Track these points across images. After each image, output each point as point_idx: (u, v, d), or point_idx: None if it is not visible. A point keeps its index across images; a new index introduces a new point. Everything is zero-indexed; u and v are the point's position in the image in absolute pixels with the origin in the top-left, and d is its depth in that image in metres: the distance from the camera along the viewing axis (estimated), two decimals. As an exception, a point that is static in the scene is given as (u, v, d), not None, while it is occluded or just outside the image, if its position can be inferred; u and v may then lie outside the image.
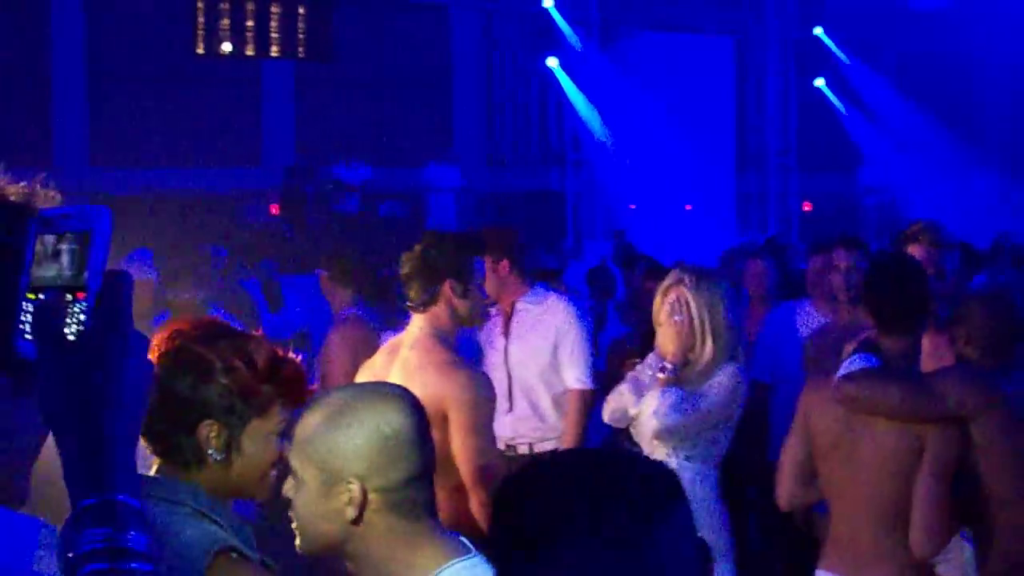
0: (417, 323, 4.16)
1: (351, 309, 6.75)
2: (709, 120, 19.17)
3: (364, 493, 2.16)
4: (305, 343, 8.20)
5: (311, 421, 2.24)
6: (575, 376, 5.47)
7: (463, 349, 5.58)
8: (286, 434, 2.45)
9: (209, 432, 2.32)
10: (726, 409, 4.38)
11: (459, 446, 3.91)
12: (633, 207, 18.48)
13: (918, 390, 3.72)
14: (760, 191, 19.96)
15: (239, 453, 2.35)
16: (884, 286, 3.94)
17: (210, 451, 2.33)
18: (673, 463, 4.12)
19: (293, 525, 2.26)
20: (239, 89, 19.04)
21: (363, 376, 4.25)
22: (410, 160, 17.45)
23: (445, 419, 3.90)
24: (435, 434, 3.81)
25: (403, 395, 2.40)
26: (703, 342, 4.39)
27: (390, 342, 4.43)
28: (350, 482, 2.17)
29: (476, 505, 3.94)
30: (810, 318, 6.24)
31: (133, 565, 1.19)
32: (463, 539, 2.31)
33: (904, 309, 3.89)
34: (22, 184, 1.47)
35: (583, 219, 18.52)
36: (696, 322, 4.38)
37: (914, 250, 4.79)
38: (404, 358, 4.13)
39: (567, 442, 5.40)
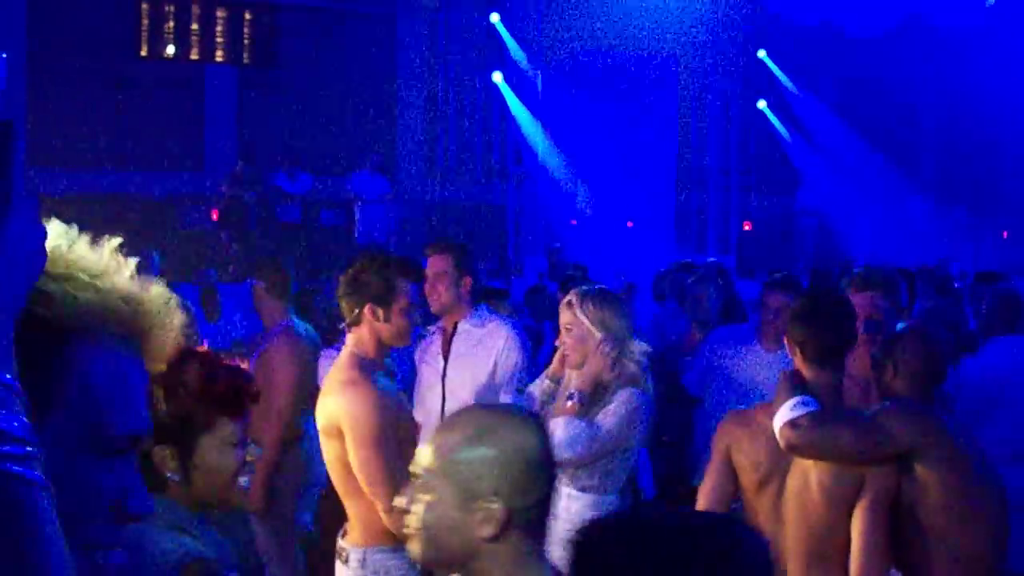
0: (348, 340, 4.37)
1: (287, 321, 6.70)
2: (651, 138, 19.31)
3: (503, 512, 2.20)
4: (242, 353, 8.13)
5: (452, 439, 2.29)
6: (512, 402, 5.46)
7: (398, 365, 5.63)
8: (244, 442, 2.56)
9: (162, 457, 2.40)
10: (619, 437, 4.32)
11: (352, 459, 4.13)
12: (574, 223, 18.55)
13: (867, 431, 3.64)
14: (700, 209, 20.11)
15: (196, 469, 2.44)
16: (814, 321, 3.92)
17: (168, 474, 2.41)
18: (565, 492, 4.16)
19: (411, 533, 2.29)
20: (182, 93, 18.89)
21: (324, 390, 4.42)
22: (353, 169, 17.41)
23: (341, 435, 4.16)
24: (338, 448, 4.14)
25: (535, 418, 2.50)
26: (592, 365, 4.40)
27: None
28: (491, 500, 2.20)
29: (381, 512, 4.10)
30: (752, 347, 6.26)
31: (4, 448, 1.08)
32: None
33: (834, 344, 3.87)
34: None
35: (524, 234, 18.57)
36: (583, 345, 4.41)
37: (856, 298, 4.62)
38: (329, 376, 4.38)
39: None
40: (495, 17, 18.55)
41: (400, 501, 2.33)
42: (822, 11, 19.31)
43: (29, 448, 1.10)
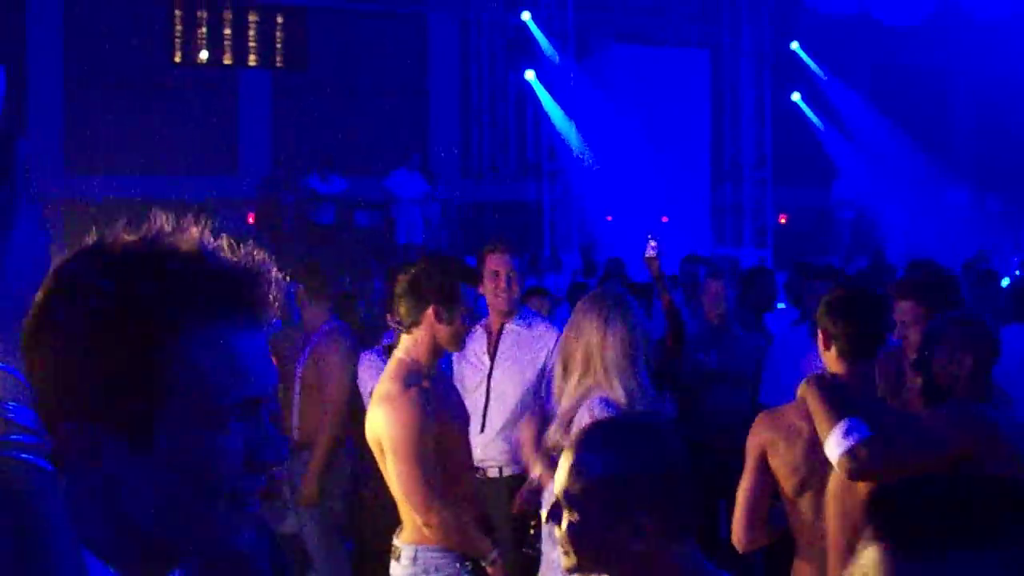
0: (401, 345, 4.31)
1: (331, 323, 6.76)
2: (685, 132, 19.23)
3: (652, 525, 2.21)
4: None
5: (591, 458, 2.28)
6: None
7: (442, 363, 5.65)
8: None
9: None
10: None
11: (390, 472, 4.16)
12: (610, 219, 18.51)
13: (923, 446, 3.56)
14: (735, 203, 20.02)
15: None
16: (847, 314, 3.88)
17: None
18: None
19: (563, 550, 2.30)
20: (216, 97, 19.01)
21: (373, 401, 4.38)
22: (386, 170, 17.45)
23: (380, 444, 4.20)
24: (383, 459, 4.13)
25: (669, 425, 2.56)
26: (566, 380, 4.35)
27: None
28: (638, 515, 2.21)
29: (421, 524, 4.15)
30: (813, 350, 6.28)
31: (14, 437, 1.13)
32: None
33: (868, 337, 3.85)
34: None
35: (559, 231, 18.55)
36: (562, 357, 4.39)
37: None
38: (377, 388, 4.33)
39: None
40: (526, 15, 18.54)
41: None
42: (854, 1, 19.19)
43: (39, 439, 1.15)
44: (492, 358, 5.53)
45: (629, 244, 16.68)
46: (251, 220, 17.48)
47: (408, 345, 4.24)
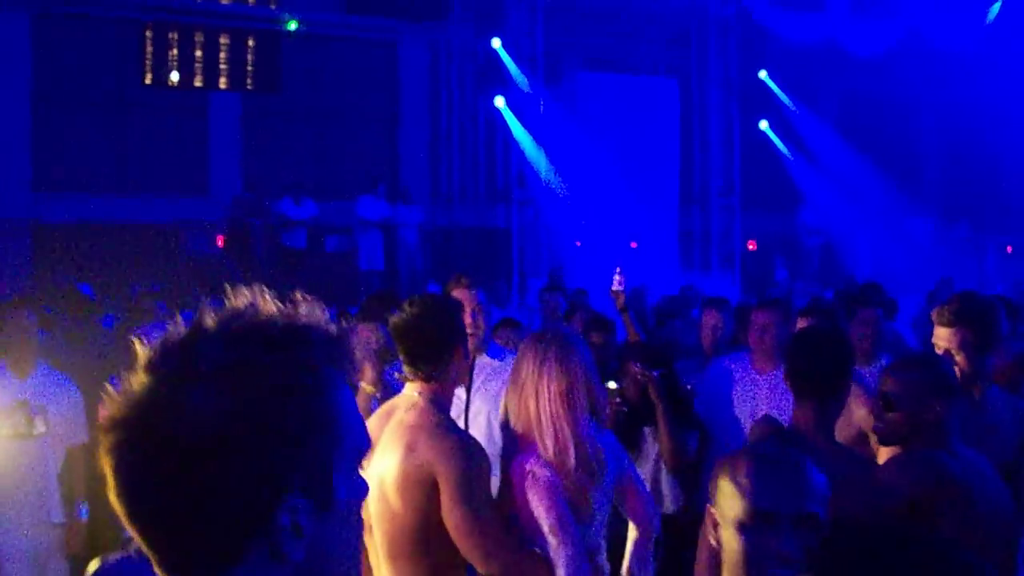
0: (414, 388, 4.04)
1: None
2: (654, 159, 19.36)
3: None
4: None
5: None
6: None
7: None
8: None
9: None
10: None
11: (447, 516, 3.78)
12: (579, 244, 18.58)
13: (878, 497, 3.51)
14: (703, 229, 20.15)
15: None
16: (798, 352, 3.91)
17: None
18: None
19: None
20: (186, 119, 18.98)
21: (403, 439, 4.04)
22: (356, 195, 17.46)
23: (434, 485, 3.79)
24: (421, 500, 3.78)
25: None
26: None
27: (385, 407, 4.23)
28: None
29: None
30: (747, 372, 6.41)
31: None
32: None
33: (813, 377, 3.84)
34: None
35: (528, 256, 18.60)
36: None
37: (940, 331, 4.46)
38: (399, 420, 3.98)
39: None
40: (496, 42, 18.61)
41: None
42: (821, 31, 19.38)
43: None
44: (468, 392, 5.48)
45: (598, 270, 16.78)
46: (220, 243, 17.45)
47: (435, 388, 4.00)
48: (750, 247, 20.51)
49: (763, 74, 20.77)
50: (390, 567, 3.92)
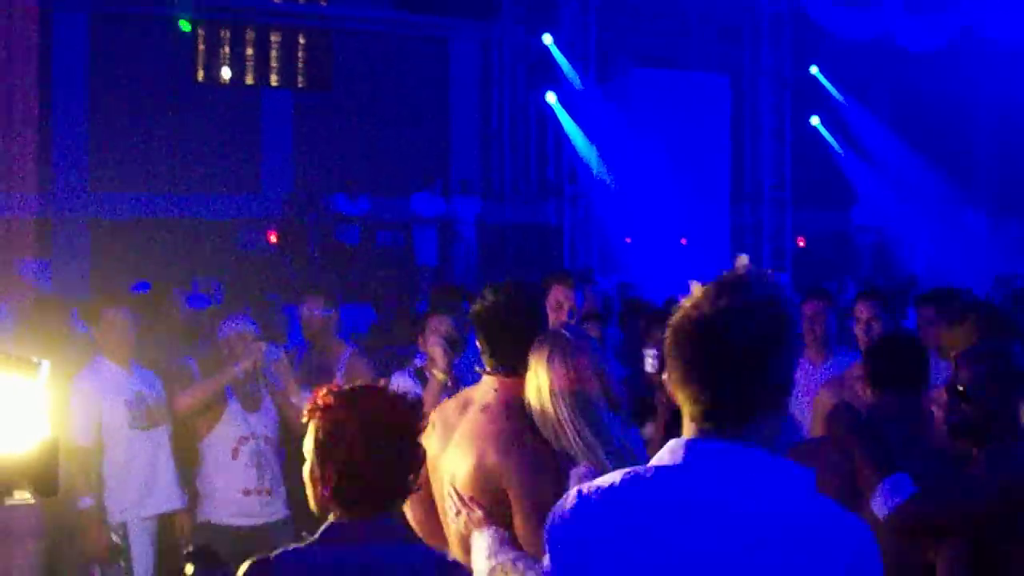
0: (491, 384, 3.87)
1: (352, 345, 7.03)
2: (705, 155, 19.28)
3: None
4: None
5: None
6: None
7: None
8: None
9: None
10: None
11: (519, 527, 3.66)
12: (629, 240, 18.56)
13: (968, 499, 3.48)
14: (755, 226, 20.07)
15: None
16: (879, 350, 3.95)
17: None
18: None
19: None
20: (238, 117, 19.14)
21: (436, 421, 3.93)
22: (406, 191, 17.55)
23: (502, 495, 3.68)
24: (487, 505, 3.64)
25: None
26: None
27: (461, 395, 4.09)
28: None
29: None
30: (800, 364, 6.42)
31: None
32: None
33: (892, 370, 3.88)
34: None
35: (579, 253, 18.60)
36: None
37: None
38: (473, 419, 3.84)
39: None
40: (548, 38, 18.63)
41: None
42: (874, 26, 19.24)
43: None
44: None
45: (648, 266, 16.77)
46: (273, 239, 17.59)
47: (508, 386, 3.81)
48: (800, 244, 20.41)
49: (815, 70, 20.66)
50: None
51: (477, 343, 3.96)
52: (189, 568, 4.50)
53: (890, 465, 3.56)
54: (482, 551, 3.67)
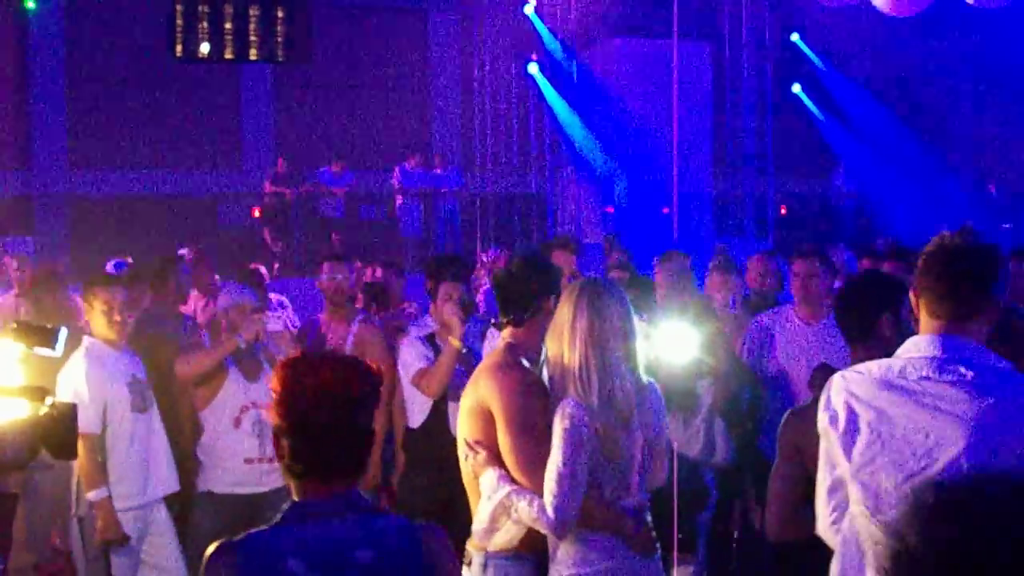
0: (504, 336, 4.33)
1: (363, 311, 7.14)
2: (686, 124, 19.29)
3: None
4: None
5: None
6: None
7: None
8: None
9: None
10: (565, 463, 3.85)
11: (502, 445, 4.01)
12: (611, 210, 18.57)
13: None
14: (736, 194, 20.11)
15: None
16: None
17: None
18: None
19: None
20: (218, 92, 19.05)
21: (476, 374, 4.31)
22: (388, 164, 17.52)
23: (490, 417, 4.04)
24: (482, 432, 4.04)
25: None
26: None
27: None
28: None
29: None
30: (792, 323, 6.48)
31: None
32: None
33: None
34: None
35: (562, 223, 18.64)
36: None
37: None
38: (481, 363, 4.37)
39: None
40: (529, 8, 18.60)
41: None
42: (854, -8, 19.27)
43: None
44: None
45: (630, 236, 16.79)
46: (255, 214, 17.54)
47: (515, 334, 4.28)
48: (782, 211, 20.45)
49: (796, 37, 20.65)
50: (472, 505, 4.18)
51: (496, 302, 4.38)
52: None
53: None
54: (486, 491, 3.98)
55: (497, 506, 3.94)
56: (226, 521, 5.63)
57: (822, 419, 3.10)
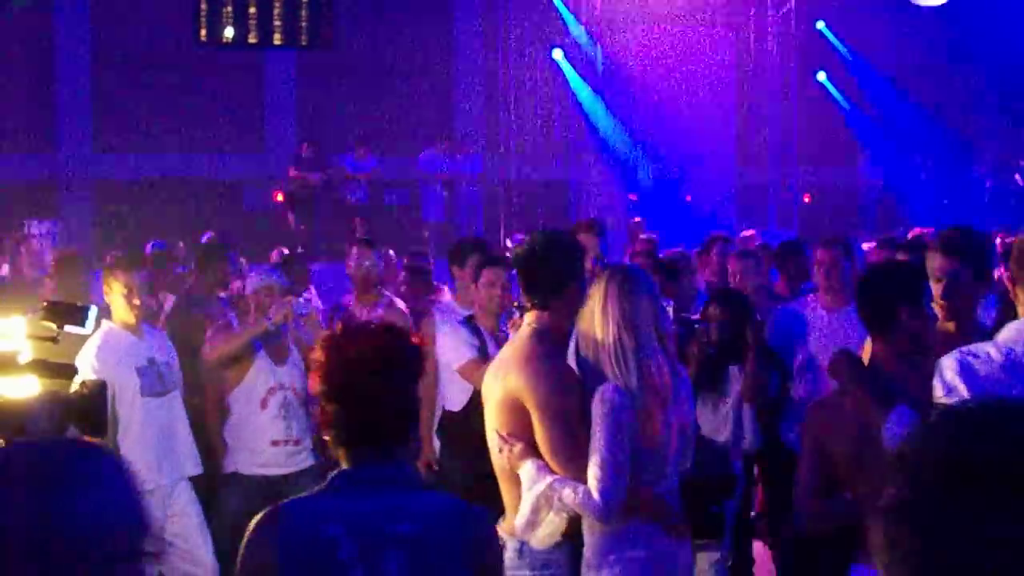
0: (530, 318, 4.20)
1: (388, 296, 7.22)
2: (711, 111, 19.26)
3: None
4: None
5: None
6: None
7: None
8: None
9: None
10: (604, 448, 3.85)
11: (538, 436, 3.95)
12: (633, 197, 18.56)
13: None
14: (760, 183, 20.06)
15: None
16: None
17: None
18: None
19: None
20: (242, 76, 19.08)
21: (489, 369, 4.31)
22: (412, 149, 17.51)
23: (523, 410, 3.97)
24: (515, 424, 3.97)
25: None
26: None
27: (512, 337, 4.46)
28: None
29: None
30: (815, 313, 6.49)
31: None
32: None
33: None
34: None
35: (585, 210, 18.61)
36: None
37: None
38: (506, 350, 4.26)
39: None
40: (555, -7, 18.58)
41: None
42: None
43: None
44: None
45: (654, 223, 16.78)
46: (279, 198, 17.57)
47: (542, 318, 4.15)
48: (805, 200, 20.39)
49: (821, 25, 20.55)
50: (503, 489, 4.13)
51: (519, 282, 4.29)
52: None
53: (890, 400, 3.61)
54: (524, 484, 3.90)
55: (539, 497, 3.89)
56: (252, 502, 5.64)
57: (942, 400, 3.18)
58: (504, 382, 4.05)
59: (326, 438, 2.85)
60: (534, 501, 3.89)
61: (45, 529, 1.55)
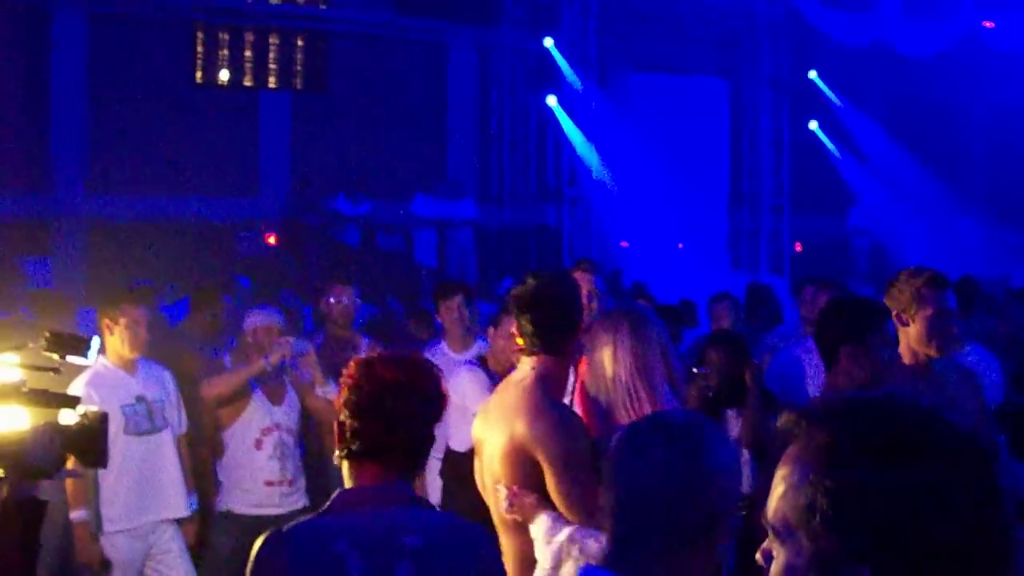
0: (528, 363, 4.07)
1: (366, 337, 7.18)
2: (703, 159, 19.35)
3: None
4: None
5: None
6: None
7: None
8: None
9: None
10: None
11: (551, 487, 3.86)
12: (625, 244, 18.59)
13: None
14: (752, 230, 20.11)
15: None
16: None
17: None
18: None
19: None
20: (236, 119, 19.11)
21: (481, 414, 4.22)
22: (405, 193, 17.56)
23: (532, 461, 3.87)
24: (523, 475, 3.87)
25: None
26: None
27: (505, 382, 4.30)
28: None
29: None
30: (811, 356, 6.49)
31: None
32: None
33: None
34: None
35: (577, 255, 18.62)
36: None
37: None
38: (507, 395, 4.09)
39: None
40: (549, 42, 18.67)
41: None
42: (872, 31, 19.37)
43: None
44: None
45: (645, 270, 16.81)
46: (271, 241, 17.58)
47: (544, 363, 4.02)
48: (797, 248, 20.44)
49: (813, 74, 20.70)
50: (502, 539, 4.01)
51: (515, 326, 4.14)
52: None
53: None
54: (541, 538, 3.81)
55: (559, 550, 3.79)
56: (244, 541, 5.59)
57: None
58: (510, 430, 3.93)
59: (336, 452, 2.89)
60: (556, 553, 3.79)
61: (701, 476, 2.13)
